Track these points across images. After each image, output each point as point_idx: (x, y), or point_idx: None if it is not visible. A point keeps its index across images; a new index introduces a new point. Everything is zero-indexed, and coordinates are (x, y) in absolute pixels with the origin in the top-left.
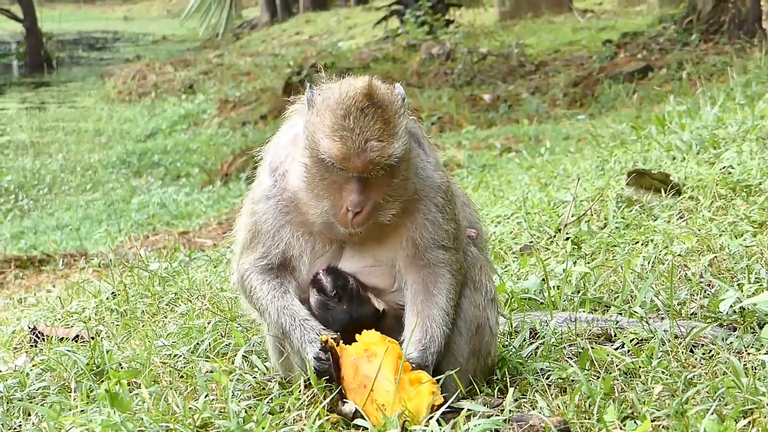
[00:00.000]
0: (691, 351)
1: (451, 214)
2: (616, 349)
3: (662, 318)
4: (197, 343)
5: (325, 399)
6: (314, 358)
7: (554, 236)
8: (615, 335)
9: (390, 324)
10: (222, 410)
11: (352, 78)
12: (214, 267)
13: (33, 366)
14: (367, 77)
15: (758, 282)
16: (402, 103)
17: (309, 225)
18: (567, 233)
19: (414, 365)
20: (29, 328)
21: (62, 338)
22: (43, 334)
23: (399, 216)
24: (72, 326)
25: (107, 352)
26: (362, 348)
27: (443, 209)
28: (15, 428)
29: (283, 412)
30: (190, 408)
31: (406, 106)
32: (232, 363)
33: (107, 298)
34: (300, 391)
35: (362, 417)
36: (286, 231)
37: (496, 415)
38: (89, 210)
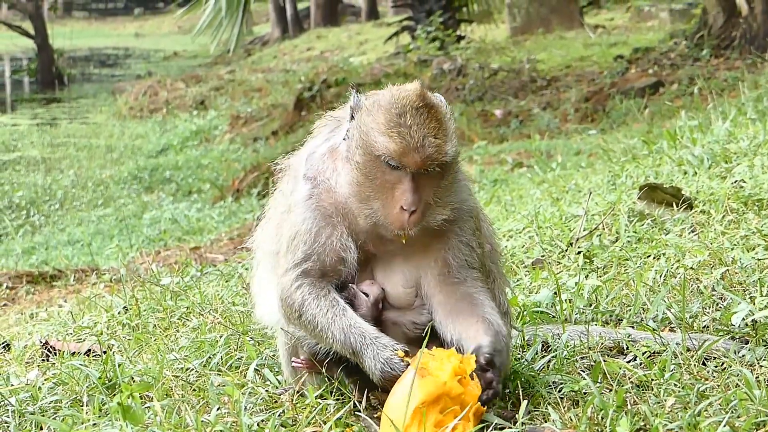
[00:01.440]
0: (704, 364)
1: (480, 239)
2: (628, 362)
3: (674, 331)
4: (209, 357)
5: (338, 411)
6: (390, 367)
7: (566, 250)
8: (627, 348)
9: (398, 340)
10: (234, 423)
11: (401, 84)
12: (226, 281)
13: (45, 380)
14: (417, 82)
15: None
16: (447, 108)
17: (354, 232)
18: (579, 247)
19: (486, 356)
20: (41, 342)
21: (74, 353)
22: (54, 349)
23: (431, 238)
24: (84, 340)
25: (119, 365)
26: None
27: (475, 233)
28: None
29: (295, 425)
30: (202, 421)
31: (451, 112)
32: (244, 376)
33: (119, 313)
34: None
35: None
36: (330, 232)
37: (509, 428)
38: (101, 225)
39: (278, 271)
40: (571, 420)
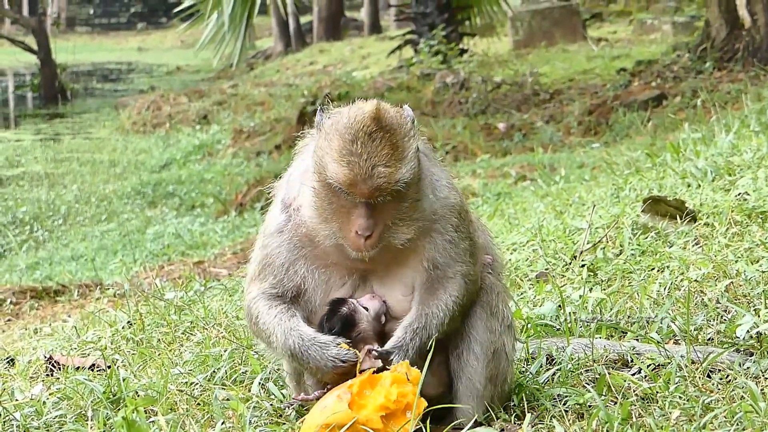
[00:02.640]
0: (708, 376)
1: (466, 232)
2: (633, 374)
3: (679, 343)
4: (214, 371)
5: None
6: (336, 358)
7: (570, 263)
8: (632, 361)
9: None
10: None
11: (361, 101)
12: (230, 296)
13: (49, 395)
14: (375, 101)
15: None
16: (411, 125)
17: (324, 258)
18: (582, 260)
19: (386, 350)
20: (45, 357)
21: (78, 367)
22: (59, 364)
23: (416, 238)
24: (88, 355)
25: (123, 380)
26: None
27: (458, 228)
28: None
29: None
30: None
31: (415, 128)
32: (249, 390)
33: (123, 328)
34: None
35: None
36: (300, 265)
37: None
38: (104, 240)
39: (248, 288)
40: None
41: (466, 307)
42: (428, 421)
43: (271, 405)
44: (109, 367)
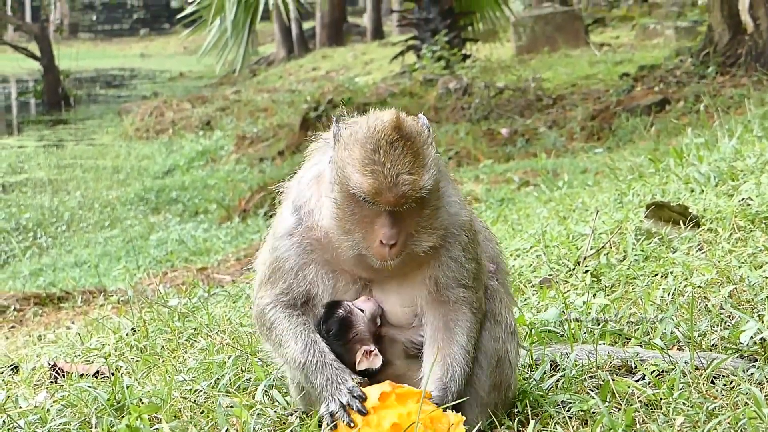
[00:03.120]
0: (712, 382)
1: (473, 253)
2: (636, 381)
3: (682, 349)
4: (217, 378)
5: None
6: (350, 392)
7: (573, 269)
8: (636, 367)
9: (401, 363)
10: None
11: (378, 111)
12: (233, 302)
13: (54, 402)
14: (393, 110)
15: None
16: (428, 133)
17: (333, 263)
18: (586, 266)
19: (435, 403)
20: (49, 364)
21: (82, 374)
22: (63, 371)
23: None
24: (92, 362)
25: (128, 387)
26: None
27: (466, 248)
28: None
29: None
30: None
31: (432, 137)
32: (253, 398)
33: (127, 334)
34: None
35: None
36: (310, 269)
37: None
38: (108, 247)
39: (258, 293)
40: None
41: (478, 333)
42: None
43: (276, 412)
44: (113, 374)
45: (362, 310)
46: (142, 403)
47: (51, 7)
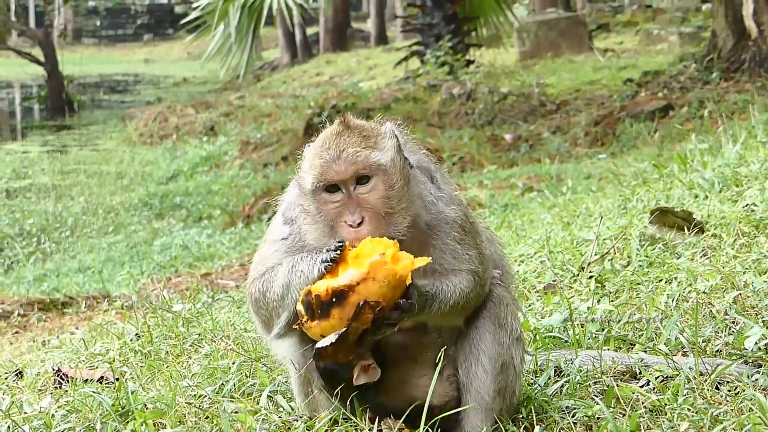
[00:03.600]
0: (717, 388)
1: (472, 243)
2: (641, 386)
3: (687, 355)
4: (222, 384)
5: None
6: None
7: (578, 275)
8: (640, 373)
9: (405, 364)
10: None
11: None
12: (238, 308)
13: (58, 407)
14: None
15: None
16: (388, 131)
17: None
18: (590, 272)
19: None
20: (53, 370)
21: (87, 380)
22: (67, 376)
23: (416, 244)
24: (96, 368)
25: (132, 393)
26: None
27: (461, 241)
28: None
29: None
30: None
31: (392, 135)
32: (257, 403)
33: (131, 340)
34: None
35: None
36: None
37: None
38: (111, 252)
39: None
40: None
41: (470, 304)
42: None
43: (280, 417)
44: (117, 379)
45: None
46: (147, 408)
47: (55, 12)
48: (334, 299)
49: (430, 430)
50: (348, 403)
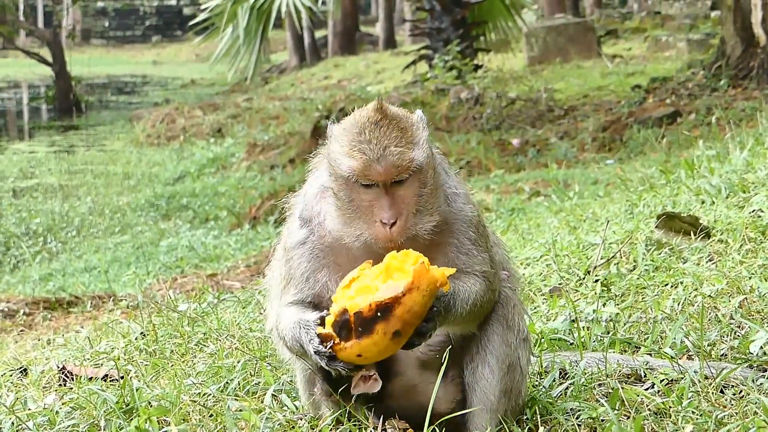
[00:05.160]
0: (722, 392)
1: (484, 246)
2: (646, 389)
3: (692, 359)
4: (227, 382)
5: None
6: (315, 352)
7: (583, 278)
8: (645, 376)
9: (413, 373)
10: None
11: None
12: (243, 308)
13: (62, 404)
14: (376, 99)
15: None
16: (419, 120)
17: (345, 266)
18: (596, 275)
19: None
20: (58, 367)
21: (91, 378)
22: (72, 374)
23: (432, 242)
24: (101, 366)
25: (137, 390)
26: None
27: (476, 242)
28: None
29: None
30: None
31: (424, 123)
32: (262, 402)
33: (136, 338)
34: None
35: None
36: (323, 273)
37: None
38: (118, 252)
39: (273, 304)
40: None
41: (485, 308)
42: None
43: (284, 416)
44: (122, 377)
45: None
46: (151, 406)
47: (63, 12)
48: (378, 314)
49: (437, 429)
50: (353, 400)
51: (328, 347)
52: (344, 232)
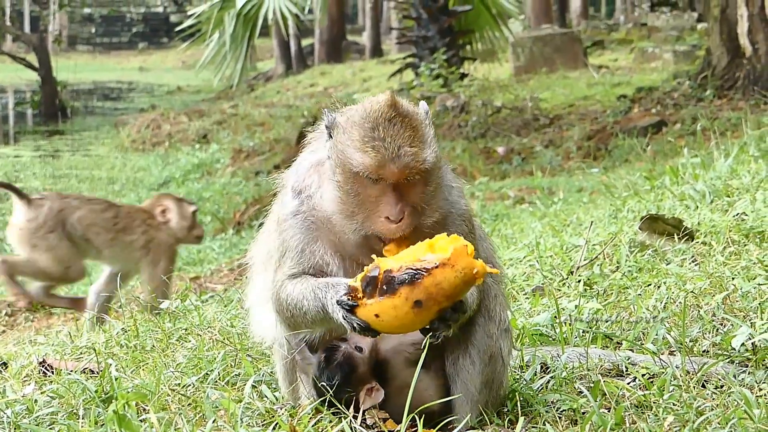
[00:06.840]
0: (703, 386)
1: (474, 240)
2: (627, 383)
3: (674, 354)
4: (206, 373)
5: (335, 426)
6: (337, 302)
7: (566, 278)
8: (626, 370)
9: (406, 373)
10: None
11: (372, 96)
12: (225, 306)
13: (41, 393)
14: (388, 91)
15: None
16: (426, 115)
17: (339, 245)
18: (579, 276)
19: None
20: (39, 361)
21: (71, 371)
22: (52, 367)
23: (428, 235)
24: (81, 359)
25: (116, 379)
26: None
27: (468, 236)
28: None
29: None
30: None
31: (430, 118)
32: (242, 392)
33: (117, 334)
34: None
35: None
36: (318, 246)
37: None
38: None
39: (271, 277)
40: None
41: (476, 303)
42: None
43: (264, 406)
44: (102, 370)
45: (360, 348)
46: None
47: (50, 18)
48: (406, 276)
49: (417, 417)
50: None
51: (350, 298)
52: (343, 223)
